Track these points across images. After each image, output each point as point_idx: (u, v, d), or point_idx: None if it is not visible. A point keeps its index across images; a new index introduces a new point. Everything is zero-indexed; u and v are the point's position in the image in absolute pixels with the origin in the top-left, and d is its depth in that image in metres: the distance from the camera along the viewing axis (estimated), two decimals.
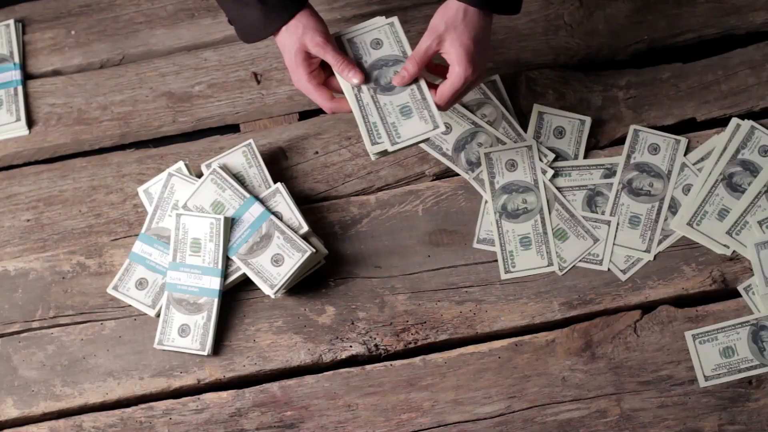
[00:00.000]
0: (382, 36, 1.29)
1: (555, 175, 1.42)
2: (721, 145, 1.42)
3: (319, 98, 1.28)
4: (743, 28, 1.53)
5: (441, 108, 1.25)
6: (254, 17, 1.25)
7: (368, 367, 1.36)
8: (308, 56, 1.26)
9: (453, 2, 1.22)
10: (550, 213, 1.40)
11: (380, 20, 1.30)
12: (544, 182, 1.41)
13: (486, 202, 1.42)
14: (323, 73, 1.30)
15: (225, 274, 1.37)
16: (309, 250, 1.34)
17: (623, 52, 1.52)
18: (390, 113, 1.25)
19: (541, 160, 1.42)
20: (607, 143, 1.46)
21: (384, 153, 1.27)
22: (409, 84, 1.25)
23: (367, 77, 1.26)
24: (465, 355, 1.35)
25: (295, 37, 1.25)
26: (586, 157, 1.44)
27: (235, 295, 1.40)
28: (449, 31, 1.22)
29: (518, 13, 1.27)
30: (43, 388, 1.38)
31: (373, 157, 1.28)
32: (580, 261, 1.39)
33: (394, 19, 1.29)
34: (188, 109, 1.53)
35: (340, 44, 1.29)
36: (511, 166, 1.42)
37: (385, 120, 1.25)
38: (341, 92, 1.29)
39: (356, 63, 1.26)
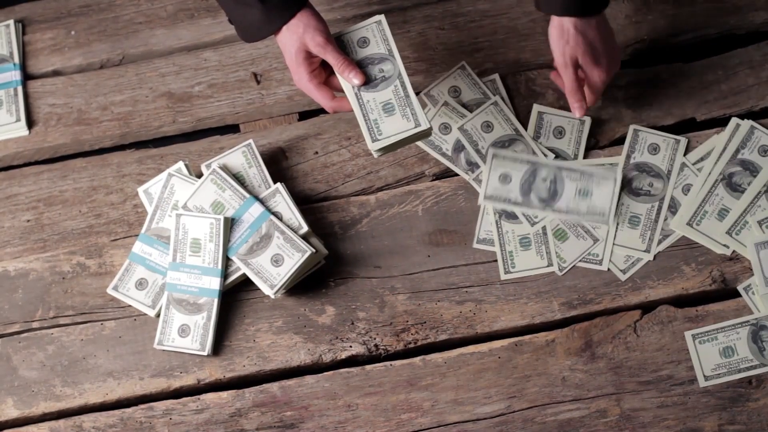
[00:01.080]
0: (368, 35, 1.29)
1: None
2: (720, 145, 1.42)
3: (320, 97, 1.28)
4: (743, 28, 1.53)
5: (594, 99, 1.36)
6: (255, 17, 1.26)
7: (368, 367, 1.36)
8: (309, 55, 1.26)
9: (557, 21, 1.29)
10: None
11: (374, 19, 1.30)
12: None
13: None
14: (324, 73, 1.30)
15: (225, 275, 1.37)
16: (309, 251, 1.34)
17: (623, 52, 1.52)
18: (372, 110, 1.25)
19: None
20: (607, 143, 1.46)
21: (386, 151, 1.27)
22: (393, 78, 1.27)
23: (367, 79, 1.27)
24: (465, 355, 1.35)
25: (296, 37, 1.25)
26: (585, 157, 1.44)
27: (235, 296, 1.40)
28: (576, 49, 1.30)
29: (606, 7, 1.32)
30: (43, 388, 1.38)
31: (375, 155, 1.28)
32: (579, 261, 1.39)
33: (381, 18, 1.30)
34: (188, 109, 1.53)
35: (341, 44, 1.29)
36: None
37: (368, 117, 1.25)
38: (342, 91, 1.29)
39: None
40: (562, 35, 1.29)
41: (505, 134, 1.44)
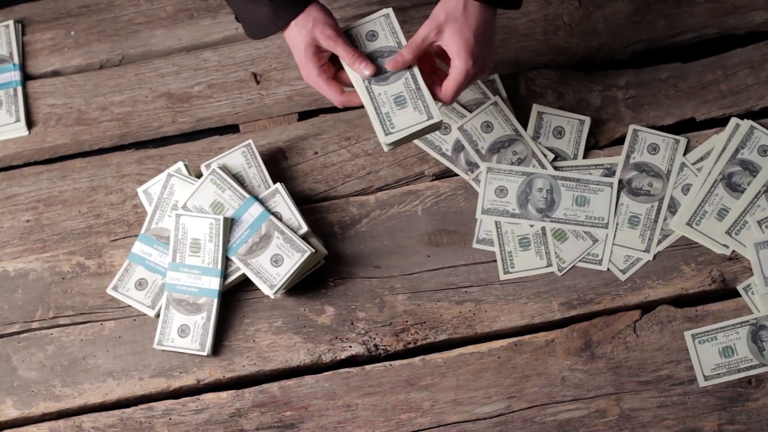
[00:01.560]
0: (377, 28, 1.29)
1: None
2: (720, 145, 1.42)
3: (329, 92, 1.28)
4: (742, 28, 1.53)
5: (446, 103, 1.26)
6: (263, 13, 1.25)
7: (368, 367, 1.36)
8: (318, 50, 1.26)
9: None
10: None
11: (382, 13, 1.30)
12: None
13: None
14: (333, 68, 1.30)
15: (224, 275, 1.37)
16: (308, 251, 1.34)
17: (622, 52, 1.52)
18: (384, 103, 1.25)
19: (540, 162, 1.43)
20: (607, 143, 1.46)
21: (397, 144, 1.27)
22: (403, 71, 1.25)
23: (377, 70, 1.26)
24: (464, 355, 1.36)
25: (305, 31, 1.25)
26: (585, 157, 1.44)
27: (235, 296, 1.40)
28: (449, 22, 1.22)
29: (518, 9, 1.26)
30: (43, 388, 1.38)
31: (386, 149, 1.28)
32: (579, 261, 1.39)
33: (389, 11, 1.30)
34: (188, 109, 1.53)
35: (349, 39, 1.29)
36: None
37: (379, 110, 1.25)
38: (351, 86, 1.29)
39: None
40: (448, 4, 1.21)
41: (504, 134, 1.44)
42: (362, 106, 1.27)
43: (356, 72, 1.27)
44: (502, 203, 1.41)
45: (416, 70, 1.26)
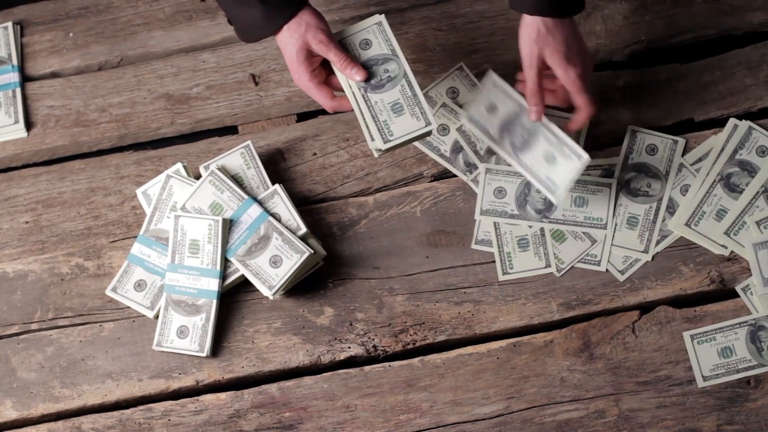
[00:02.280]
0: (370, 36, 1.29)
1: None
2: (718, 146, 1.42)
3: (320, 97, 1.28)
4: (741, 29, 1.53)
5: (591, 114, 1.30)
6: (255, 16, 1.26)
7: (367, 368, 1.36)
8: (310, 54, 1.27)
9: (528, 20, 1.26)
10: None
11: (374, 20, 1.30)
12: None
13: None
14: (324, 72, 1.30)
15: (223, 276, 1.37)
16: (307, 252, 1.34)
17: (621, 53, 1.53)
18: (381, 111, 1.25)
19: None
20: (605, 144, 1.46)
21: (386, 150, 1.27)
22: (399, 78, 1.27)
23: (368, 75, 1.27)
24: (463, 356, 1.36)
25: (297, 35, 1.25)
26: None
27: (234, 297, 1.40)
28: (544, 49, 1.26)
29: (583, 9, 1.30)
30: (42, 389, 1.38)
31: (376, 154, 1.29)
32: (578, 262, 1.39)
33: (381, 18, 1.30)
34: (186, 110, 1.54)
35: (341, 44, 1.29)
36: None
37: (377, 118, 1.25)
38: (342, 91, 1.29)
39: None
40: (530, 34, 1.26)
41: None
42: (353, 111, 1.28)
43: (348, 77, 1.27)
44: (501, 204, 1.41)
45: (411, 77, 1.27)
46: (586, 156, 1.26)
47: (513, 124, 1.34)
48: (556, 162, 1.30)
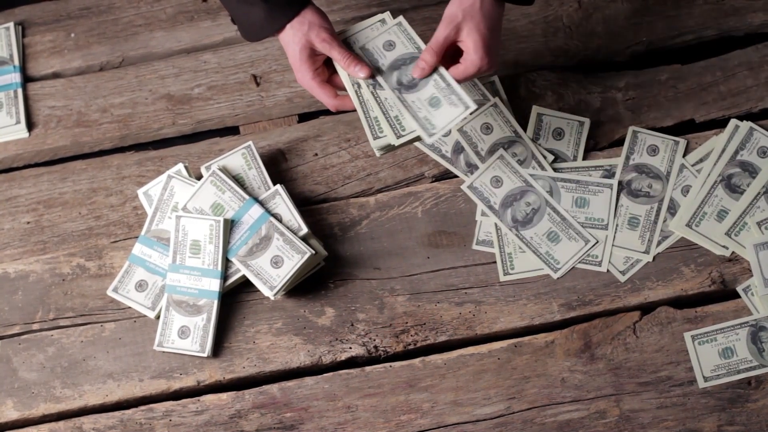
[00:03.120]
0: (393, 37, 1.29)
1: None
2: (719, 147, 1.42)
3: (323, 95, 1.28)
4: (742, 30, 1.53)
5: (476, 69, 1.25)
6: (258, 15, 1.26)
7: (368, 368, 1.36)
8: (313, 53, 1.27)
9: None
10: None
11: (378, 18, 1.30)
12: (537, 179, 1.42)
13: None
14: (327, 71, 1.30)
15: (224, 276, 1.37)
16: (308, 252, 1.34)
17: (622, 54, 1.53)
18: (420, 108, 1.24)
19: (540, 164, 1.43)
20: (606, 144, 1.46)
21: (388, 149, 1.27)
22: (430, 75, 1.25)
23: (373, 73, 1.27)
24: (464, 357, 1.36)
25: (300, 34, 1.25)
26: (585, 158, 1.44)
27: (235, 297, 1.40)
28: (467, 20, 1.22)
29: (531, 5, 1.28)
30: (43, 389, 1.38)
31: (377, 153, 1.28)
32: (579, 262, 1.39)
33: (401, 19, 1.30)
34: (188, 111, 1.54)
35: (345, 42, 1.29)
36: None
37: (416, 115, 1.24)
38: (345, 90, 1.29)
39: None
40: (461, 3, 1.23)
41: (504, 136, 1.44)
42: (355, 110, 1.28)
43: (352, 75, 1.27)
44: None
45: (442, 69, 1.25)
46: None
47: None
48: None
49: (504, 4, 1.26)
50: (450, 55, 1.26)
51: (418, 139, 1.26)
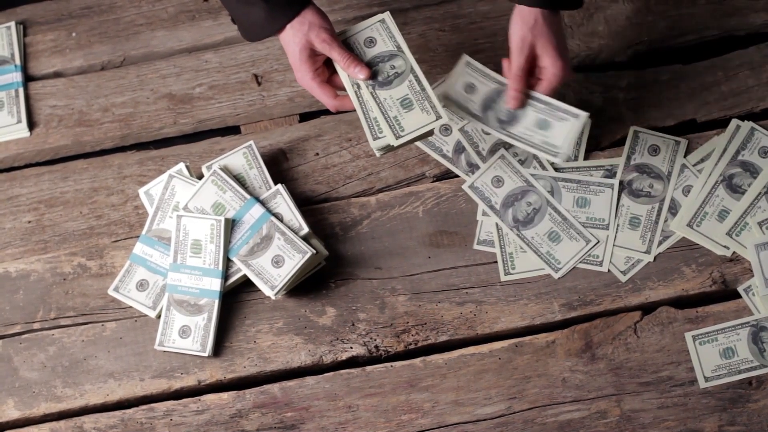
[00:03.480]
0: (374, 34, 1.30)
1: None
2: (721, 147, 1.42)
3: (323, 96, 1.28)
4: (743, 30, 1.53)
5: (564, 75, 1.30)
6: (258, 15, 1.26)
7: (369, 368, 1.36)
8: (313, 53, 1.27)
9: (525, 10, 1.26)
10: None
11: (378, 18, 1.31)
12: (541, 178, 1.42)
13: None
14: (327, 71, 1.30)
15: (225, 276, 1.37)
16: (309, 252, 1.34)
17: (623, 54, 1.53)
18: (391, 107, 1.25)
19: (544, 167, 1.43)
20: (608, 144, 1.46)
21: (388, 149, 1.27)
22: (406, 74, 1.26)
23: (373, 74, 1.27)
24: (465, 356, 1.36)
25: (300, 34, 1.25)
26: (586, 158, 1.44)
27: (236, 297, 1.40)
28: (537, 38, 1.27)
29: (581, 7, 1.31)
30: (44, 389, 1.38)
31: (377, 154, 1.29)
32: (580, 262, 1.39)
33: (385, 16, 1.30)
34: (189, 110, 1.54)
35: (345, 43, 1.29)
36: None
37: (387, 114, 1.25)
38: (345, 90, 1.29)
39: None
40: (526, 22, 1.26)
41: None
42: (355, 110, 1.28)
43: (351, 76, 1.27)
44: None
45: (419, 71, 1.27)
46: (583, 113, 1.26)
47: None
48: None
49: (560, 11, 1.29)
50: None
51: (417, 139, 1.26)
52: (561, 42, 1.28)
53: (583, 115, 1.27)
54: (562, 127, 1.29)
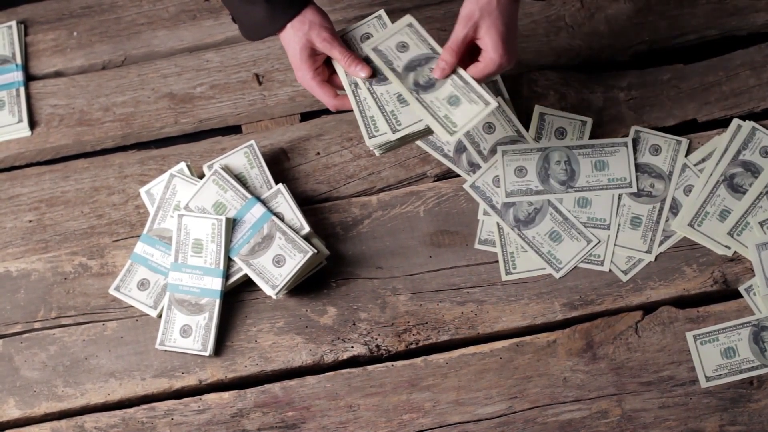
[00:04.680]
0: (405, 38, 1.29)
1: None
2: (722, 146, 1.42)
3: (323, 95, 1.28)
4: (744, 29, 1.53)
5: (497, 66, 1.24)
6: (259, 15, 1.26)
7: (370, 367, 1.36)
8: (313, 53, 1.27)
9: None
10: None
11: (374, 15, 1.30)
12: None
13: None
14: (327, 71, 1.30)
15: (227, 275, 1.37)
16: (310, 251, 1.34)
17: (624, 53, 1.53)
18: (440, 108, 1.24)
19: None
20: None
21: (388, 147, 1.27)
22: (449, 75, 1.25)
23: (373, 72, 1.27)
24: (466, 356, 1.36)
25: (300, 33, 1.25)
26: None
27: (237, 296, 1.40)
28: (484, 17, 1.22)
29: (547, 0, 1.25)
30: (45, 388, 1.38)
31: (377, 152, 1.28)
32: (582, 262, 1.39)
33: (412, 20, 1.29)
34: (190, 110, 1.54)
35: (344, 41, 1.29)
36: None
37: (384, 109, 1.25)
38: (344, 89, 1.29)
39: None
40: (477, 1, 1.21)
41: (506, 135, 1.44)
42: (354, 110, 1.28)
43: (352, 74, 1.27)
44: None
45: (459, 68, 1.24)
46: (494, 101, 1.22)
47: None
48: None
49: (519, 1, 1.25)
50: (468, 52, 1.26)
51: (416, 136, 1.26)
52: (509, 29, 1.23)
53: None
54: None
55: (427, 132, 1.27)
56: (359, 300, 1.39)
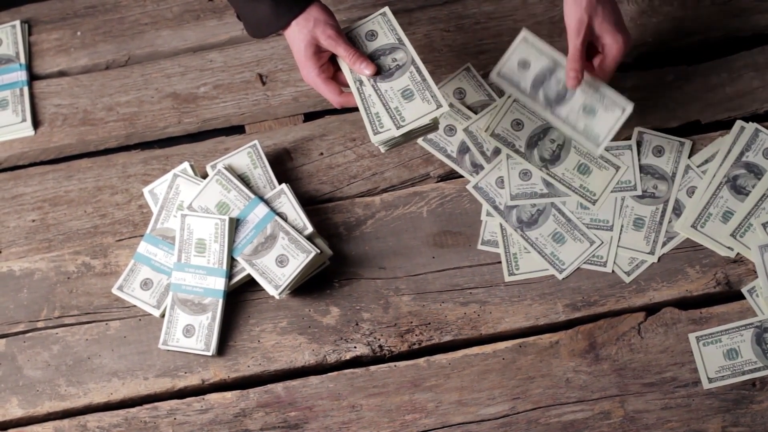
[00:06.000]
0: (375, 27, 1.30)
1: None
2: (725, 148, 1.42)
3: (328, 92, 1.29)
4: (748, 31, 1.53)
5: (605, 80, 1.30)
6: (264, 12, 1.26)
7: (372, 367, 1.36)
8: (318, 50, 1.27)
9: None
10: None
11: (379, 12, 1.31)
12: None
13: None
14: (332, 68, 1.30)
15: (230, 275, 1.37)
16: (313, 251, 1.34)
17: (628, 55, 1.52)
18: (392, 98, 1.26)
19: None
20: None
21: (392, 144, 1.27)
22: (407, 65, 1.26)
23: (379, 70, 1.27)
24: (469, 357, 1.36)
25: (306, 31, 1.25)
26: None
27: (240, 296, 1.40)
28: (593, 17, 1.26)
29: None
30: (48, 387, 1.38)
31: (382, 149, 1.29)
32: (584, 263, 1.39)
33: (386, 9, 1.31)
34: (193, 110, 1.54)
35: (350, 39, 1.30)
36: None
37: (388, 105, 1.26)
38: (349, 86, 1.30)
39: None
40: (578, 3, 1.26)
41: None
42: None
43: (357, 72, 1.27)
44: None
45: (419, 62, 1.27)
46: (630, 105, 1.26)
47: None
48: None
49: None
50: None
51: (420, 133, 1.27)
52: (616, 14, 1.28)
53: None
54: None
55: (431, 128, 1.28)
56: (362, 300, 1.39)
